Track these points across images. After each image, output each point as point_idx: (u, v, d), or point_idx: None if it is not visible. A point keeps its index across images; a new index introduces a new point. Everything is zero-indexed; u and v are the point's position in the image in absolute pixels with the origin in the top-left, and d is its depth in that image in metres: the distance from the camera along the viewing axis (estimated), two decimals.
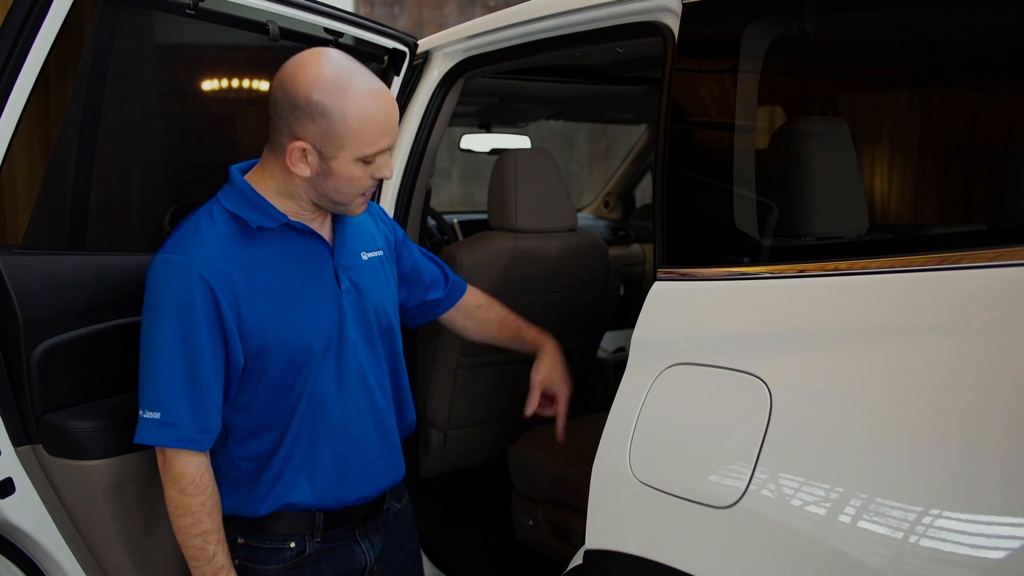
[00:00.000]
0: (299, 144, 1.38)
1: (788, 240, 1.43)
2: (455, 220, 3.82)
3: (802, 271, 1.24)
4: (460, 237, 3.66)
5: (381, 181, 1.56)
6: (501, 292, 2.44)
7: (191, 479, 1.41)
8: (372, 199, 2.20)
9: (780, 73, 1.49)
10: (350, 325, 1.51)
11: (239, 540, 1.51)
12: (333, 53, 1.41)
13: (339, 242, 1.53)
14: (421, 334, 2.49)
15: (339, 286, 1.50)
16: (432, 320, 1.86)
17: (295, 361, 1.45)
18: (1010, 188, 1.23)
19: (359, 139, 1.38)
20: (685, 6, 1.47)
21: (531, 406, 1.77)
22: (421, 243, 2.41)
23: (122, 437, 1.57)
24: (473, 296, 1.88)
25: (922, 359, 1.06)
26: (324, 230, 1.53)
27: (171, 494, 1.42)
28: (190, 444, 1.40)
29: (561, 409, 1.80)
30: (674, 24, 1.50)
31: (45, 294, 1.52)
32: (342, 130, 1.36)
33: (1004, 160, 1.24)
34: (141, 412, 1.40)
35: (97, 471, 1.55)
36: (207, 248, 1.39)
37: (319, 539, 1.53)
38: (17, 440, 1.51)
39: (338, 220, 1.55)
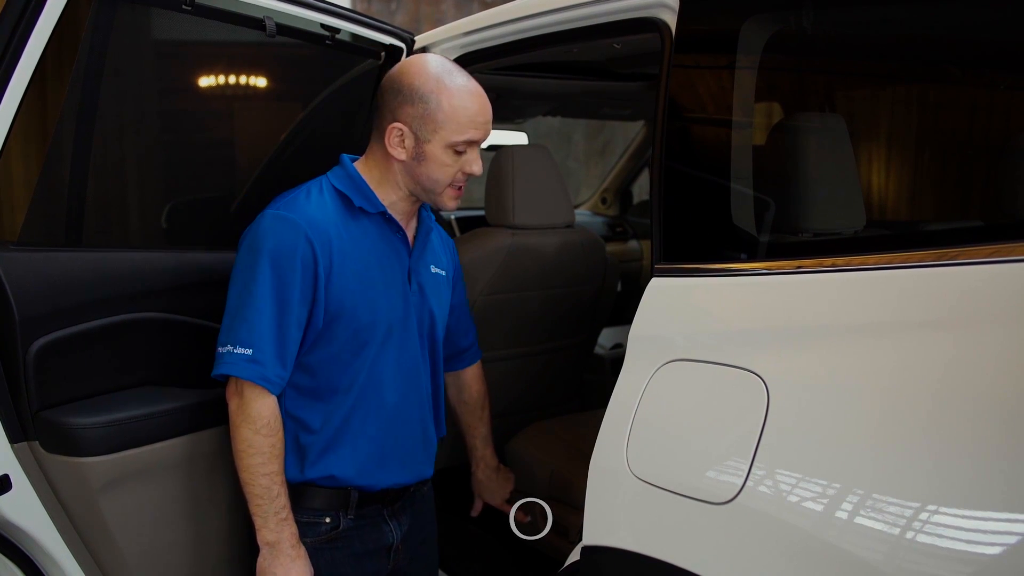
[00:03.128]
0: (397, 126, 1.53)
1: (785, 236, 1.43)
2: (452, 217, 3.81)
3: (799, 267, 1.24)
4: (457, 234, 3.65)
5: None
6: (498, 288, 2.44)
7: (266, 420, 1.50)
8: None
9: (777, 69, 1.49)
10: (412, 321, 1.63)
11: None
12: (438, 56, 1.61)
13: (418, 248, 1.67)
14: None
15: (409, 284, 1.63)
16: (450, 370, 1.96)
17: (360, 336, 1.56)
18: (1007, 184, 1.23)
19: (451, 125, 1.52)
20: (683, 2, 1.47)
21: (476, 510, 2.05)
22: None
23: (120, 434, 1.57)
24: (477, 373, 2.01)
25: (919, 355, 1.06)
26: (409, 233, 1.66)
27: (245, 434, 1.50)
28: (270, 385, 1.50)
29: (505, 507, 2.04)
30: (672, 20, 1.50)
31: (41, 291, 1.52)
32: (437, 116, 1.51)
33: (1001, 156, 1.24)
34: (229, 348, 1.48)
35: (94, 468, 1.55)
36: (313, 211, 1.52)
37: (352, 516, 1.62)
38: (14, 437, 1.50)
39: (421, 231, 1.68)
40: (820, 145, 1.47)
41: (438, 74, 1.53)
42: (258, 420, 1.50)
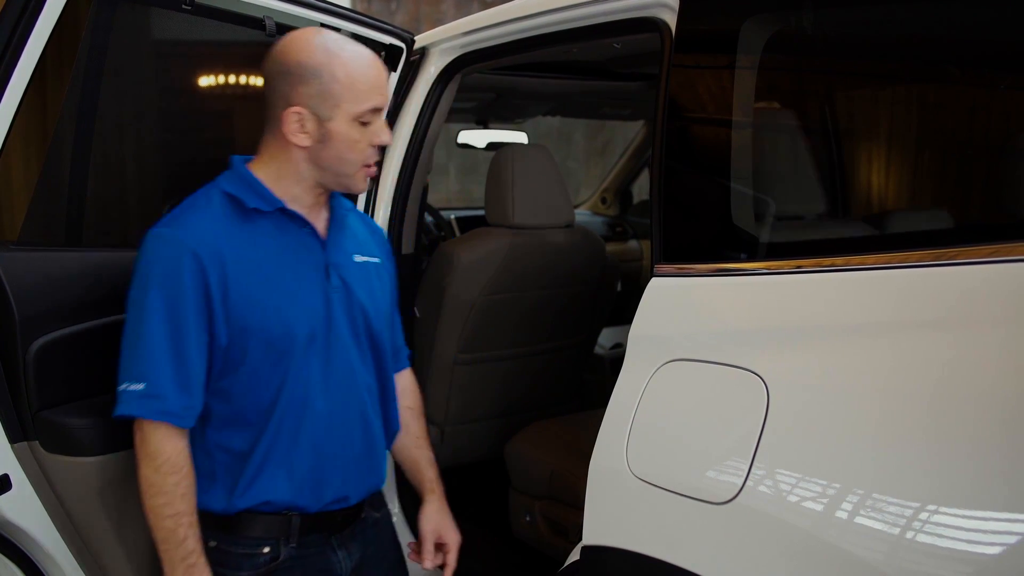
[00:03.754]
0: (294, 110, 1.39)
1: (785, 236, 1.43)
2: (452, 216, 3.81)
3: (799, 267, 1.24)
4: (457, 233, 3.65)
5: (380, 169, 1.54)
6: (498, 288, 2.45)
7: (167, 457, 1.37)
8: (368, 204, 2.20)
9: (777, 69, 1.49)
10: (339, 321, 1.48)
11: (211, 543, 1.45)
12: (316, 27, 1.46)
13: (332, 239, 1.51)
14: (417, 330, 2.49)
15: (328, 281, 1.48)
16: None
17: (276, 348, 1.42)
18: (1007, 184, 1.23)
19: (351, 95, 1.39)
20: (683, 2, 1.47)
21: (427, 558, 1.66)
22: (418, 239, 2.41)
23: (119, 434, 1.57)
24: (411, 378, 1.81)
25: (919, 355, 1.06)
26: (319, 225, 1.51)
27: (145, 472, 1.37)
28: (174, 419, 1.37)
29: (451, 560, 1.70)
30: (671, 20, 1.50)
31: (41, 290, 1.52)
32: (333, 88, 1.38)
33: (1002, 156, 1.24)
34: (124, 385, 1.36)
35: (94, 467, 1.55)
36: (199, 223, 1.39)
37: (294, 544, 1.48)
38: (13, 437, 1.50)
39: (335, 220, 1.53)
40: (819, 145, 1.47)
41: (324, 45, 1.41)
42: (158, 457, 1.36)
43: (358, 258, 1.56)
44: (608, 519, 1.37)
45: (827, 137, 1.51)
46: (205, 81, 2.02)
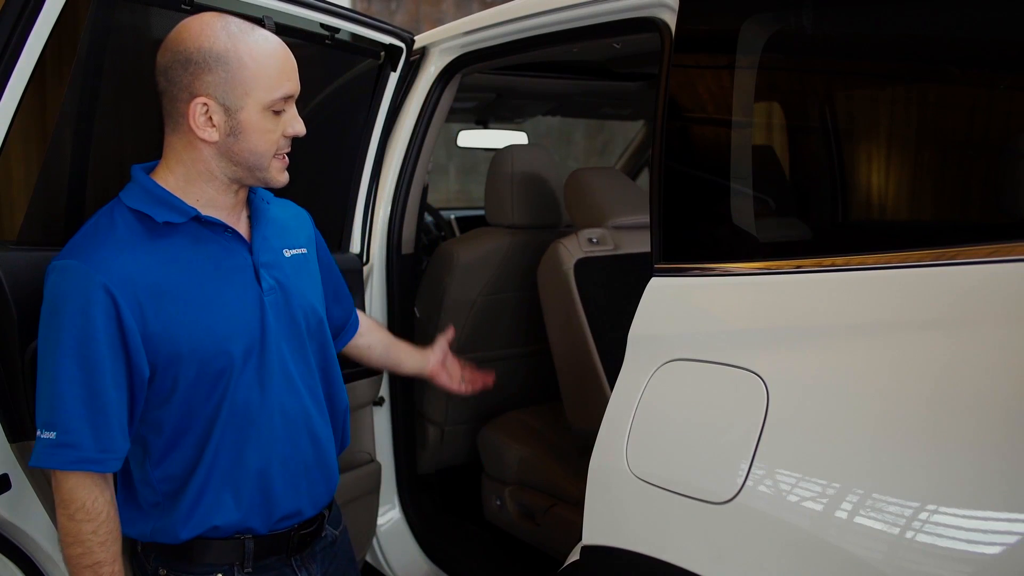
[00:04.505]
0: (200, 100, 1.27)
1: (785, 236, 1.43)
2: (452, 216, 3.82)
3: (799, 267, 1.24)
4: (457, 233, 3.66)
5: (367, 177, 1.49)
6: (498, 288, 2.45)
7: (80, 504, 1.26)
8: (368, 204, 2.20)
9: (777, 69, 1.49)
10: (274, 327, 1.38)
11: (161, 571, 1.39)
12: (210, 12, 1.35)
13: (258, 238, 1.41)
14: (417, 330, 2.49)
15: (260, 285, 1.38)
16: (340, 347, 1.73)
17: (212, 369, 1.32)
18: (1007, 184, 1.23)
19: (262, 82, 1.29)
20: (682, 2, 1.47)
21: (464, 382, 1.84)
22: (418, 239, 2.41)
23: None
24: (369, 324, 1.82)
25: (919, 355, 1.06)
26: (240, 226, 1.41)
27: (60, 520, 1.27)
28: (92, 465, 1.26)
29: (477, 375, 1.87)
30: (671, 20, 1.50)
31: (41, 290, 1.52)
32: (242, 75, 1.27)
33: (1002, 156, 1.24)
34: (38, 432, 1.26)
35: None
36: (106, 251, 1.27)
37: (249, 569, 1.39)
38: (13, 436, 1.50)
39: (256, 216, 1.43)
40: (819, 145, 1.47)
41: (224, 26, 1.28)
42: (71, 504, 1.26)
43: (288, 252, 1.46)
44: (608, 519, 1.37)
45: (827, 137, 1.51)
46: None
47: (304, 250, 1.51)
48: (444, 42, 2.16)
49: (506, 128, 3.95)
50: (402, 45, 2.10)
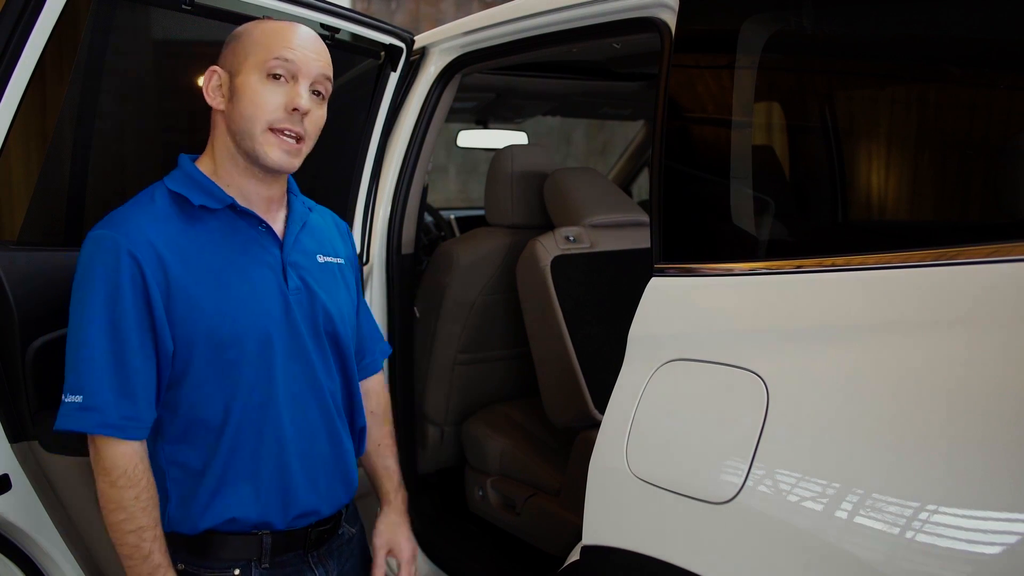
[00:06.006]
0: (213, 68, 1.37)
1: (785, 235, 1.43)
2: (452, 216, 3.82)
3: (799, 267, 1.24)
4: (457, 233, 3.65)
5: (376, 187, 1.50)
6: (498, 288, 2.45)
7: (123, 470, 1.29)
8: (368, 204, 2.20)
9: (777, 69, 1.49)
10: (297, 326, 1.40)
11: (179, 566, 1.38)
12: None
13: (291, 238, 1.43)
14: (417, 330, 2.49)
15: (286, 283, 1.40)
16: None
17: (225, 355, 1.34)
18: (1007, 184, 1.23)
19: (260, 47, 1.33)
20: (682, 2, 1.47)
21: (378, 571, 1.60)
22: (418, 239, 2.42)
23: None
24: (381, 382, 1.75)
25: (918, 355, 1.06)
26: (276, 224, 1.44)
27: (101, 487, 1.30)
28: (114, 431, 1.27)
29: (404, 574, 1.64)
30: (671, 20, 1.50)
31: (41, 290, 1.52)
32: (246, 43, 1.35)
33: (1002, 155, 1.24)
34: (64, 396, 1.28)
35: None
36: (139, 223, 1.31)
37: (267, 565, 1.40)
38: (13, 436, 1.50)
39: (292, 217, 1.46)
40: (819, 145, 1.47)
41: (259, 22, 1.39)
42: (113, 471, 1.28)
43: (321, 259, 1.49)
44: (608, 519, 1.37)
45: (827, 137, 1.51)
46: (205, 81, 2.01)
47: (340, 260, 1.54)
48: (444, 42, 2.16)
49: (506, 128, 3.95)
50: (402, 45, 2.10)
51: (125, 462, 1.29)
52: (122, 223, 1.31)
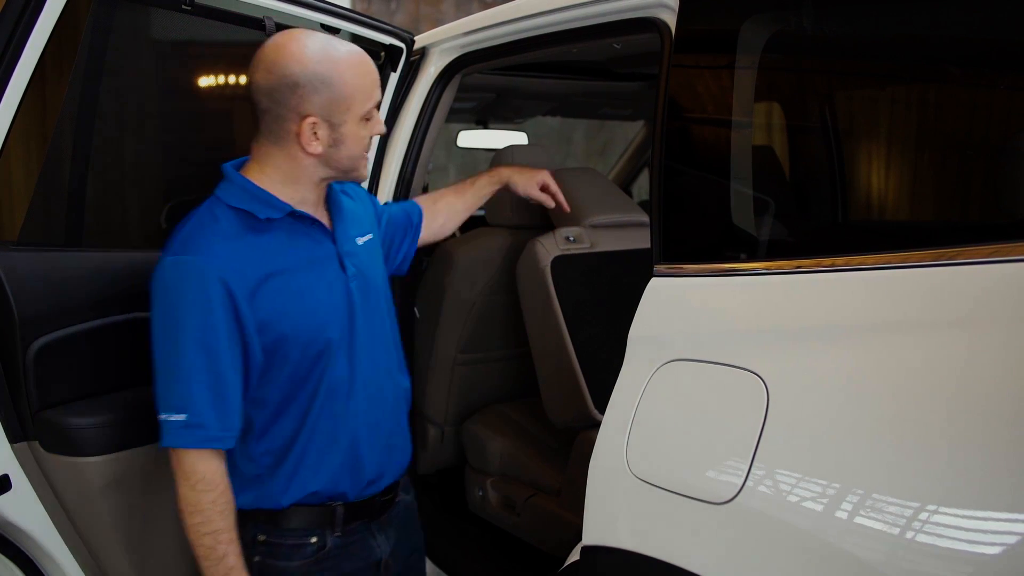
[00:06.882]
0: (310, 120, 1.41)
1: (785, 236, 1.43)
2: None
3: (799, 267, 1.24)
4: (457, 234, 3.65)
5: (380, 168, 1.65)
6: (498, 288, 2.45)
7: (202, 475, 1.40)
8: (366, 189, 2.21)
9: (777, 69, 1.49)
10: (359, 309, 1.53)
11: (260, 537, 1.50)
12: (297, 31, 1.46)
13: (339, 229, 1.55)
14: (417, 330, 2.49)
15: (345, 272, 1.52)
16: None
17: (312, 350, 1.46)
18: (1007, 184, 1.23)
19: (360, 96, 1.44)
20: (682, 2, 1.47)
21: (551, 203, 2.03)
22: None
23: (119, 433, 1.57)
24: (426, 207, 1.96)
25: (918, 355, 1.06)
26: (324, 218, 1.54)
27: (183, 491, 1.40)
28: (218, 443, 1.41)
29: (554, 188, 2.02)
30: (671, 20, 1.50)
31: (41, 290, 1.52)
32: (345, 92, 1.42)
33: (1002, 155, 1.24)
34: (164, 415, 1.38)
35: (94, 468, 1.55)
36: (217, 245, 1.39)
37: (339, 533, 1.54)
38: (14, 437, 1.51)
39: (334, 208, 1.57)
40: (819, 145, 1.47)
41: (323, 50, 1.42)
42: (192, 476, 1.39)
43: (360, 240, 1.61)
44: (608, 519, 1.37)
45: (827, 137, 1.51)
46: (205, 81, 2.02)
47: (371, 235, 1.66)
48: (444, 42, 2.16)
49: (506, 128, 3.95)
50: (402, 45, 2.11)
51: (204, 467, 1.40)
52: (198, 247, 1.39)
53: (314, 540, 1.52)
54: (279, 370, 1.45)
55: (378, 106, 1.51)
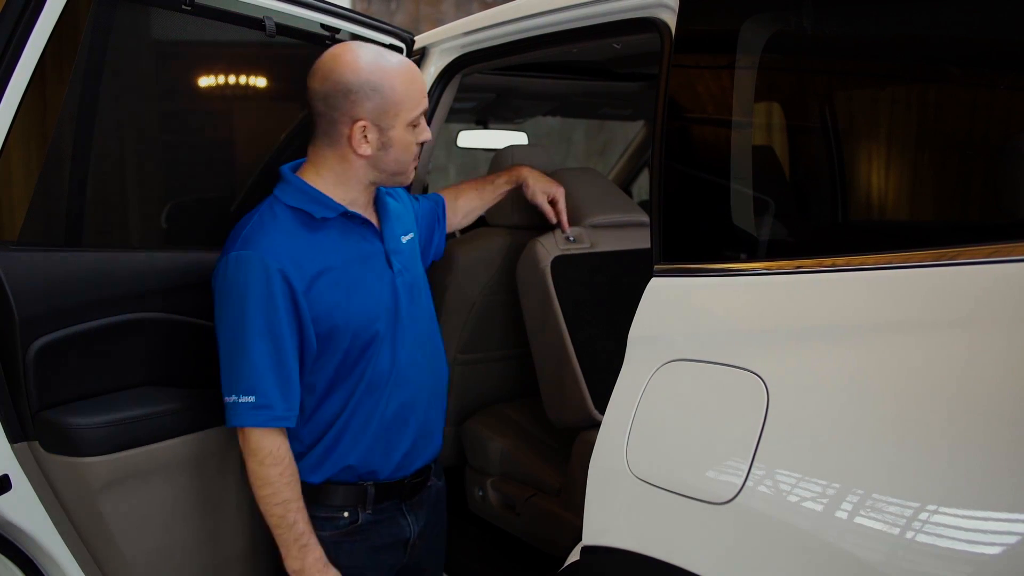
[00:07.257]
0: (360, 123, 1.53)
1: (785, 236, 1.43)
2: None
3: (799, 267, 1.24)
4: (457, 234, 3.65)
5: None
6: (498, 288, 2.45)
7: (268, 451, 1.52)
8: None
9: (777, 69, 1.49)
10: (404, 303, 1.65)
11: None
12: (353, 43, 1.60)
13: (386, 228, 1.68)
14: None
15: (391, 268, 1.65)
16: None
17: (361, 341, 1.58)
18: (1007, 184, 1.23)
19: (409, 104, 1.56)
20: (682, 2, 1.47)
21: (553, 218, 2.13)
22: None
23: (119, 434, 1.57)
24: (448, 202, 2.06)
25: (919, 355, 1.06)
26: (372, 218, 1.67)
27: (251, 466, 1.54)
28: (284, 422, 1.54)
29: (561, 207, 2.12)
30: (671, 20, 1.50)
31: (42, 291, 1.52)
32: (394, 99, 1.54)
33: (1002, 155, 1.24)
34: (233, 397, 1.51)
35: (94, 468, 1.55)
36: (277, 241, 1.52)
37: (370, 511, 1.67)
38: (13, 437, 1.50)
39: (381, 209, 1.69)
40: (819, 145, 1.47)
41: (375, 60, 1.55)
42: (259, 452, 1.53)
43: (404, 238, 1.73)
44: (608, 519, 1.37)
45: (827, 137, 1.51)
46: (205, 81, 2.02)
47: (412, 234, 1.79)
48: (444, 42, 2.16)
49: (506, 128, 3.95)
50: (402, 45, 2.11)
51: (271, 444, 1.53)
52: (260, 243, 1.51)
53: (346, 515, 1.66)
54: (330, 357, 1.58)
55: (426, 115, 1.60)
